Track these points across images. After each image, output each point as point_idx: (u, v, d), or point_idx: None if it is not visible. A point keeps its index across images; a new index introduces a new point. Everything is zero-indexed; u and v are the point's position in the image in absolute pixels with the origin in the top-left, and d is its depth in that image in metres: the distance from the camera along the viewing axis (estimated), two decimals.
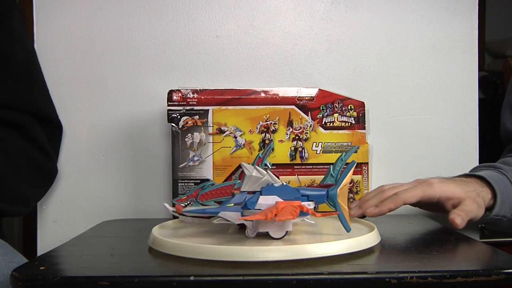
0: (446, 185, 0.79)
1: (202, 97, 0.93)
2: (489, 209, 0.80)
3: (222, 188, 0.75)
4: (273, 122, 0.94)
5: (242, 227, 0.69)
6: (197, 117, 0.93)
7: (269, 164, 0.76)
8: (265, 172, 0.67)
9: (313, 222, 0.72)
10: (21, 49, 0.94)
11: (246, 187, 0.68)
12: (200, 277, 0.55)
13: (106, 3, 1.04)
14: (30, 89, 0.95)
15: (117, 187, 1.03)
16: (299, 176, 0.92)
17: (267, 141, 0.93)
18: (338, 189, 0.68)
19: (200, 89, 0.93)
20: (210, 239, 0.68)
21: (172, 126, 0.93)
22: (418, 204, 0.81)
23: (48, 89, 0.99)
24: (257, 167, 0.68)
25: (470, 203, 0.77)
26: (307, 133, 0.94)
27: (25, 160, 0.91)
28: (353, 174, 0.93)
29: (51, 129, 0.98)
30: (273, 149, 0.92)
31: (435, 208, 0.82)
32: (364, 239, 0.66)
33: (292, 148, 0.94)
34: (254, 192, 0.67)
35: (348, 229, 0.68)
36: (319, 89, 0.95)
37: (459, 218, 0.74)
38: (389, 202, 0.77)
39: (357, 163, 0.93)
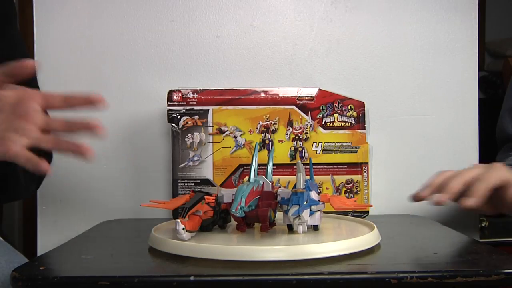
0: (505, 170, 0.72)
1: (202, 97, 0.93)
2: None
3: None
4: (273, 122, 0.94)
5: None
6: (197, 117, 0.93)
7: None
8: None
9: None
10: (20, 54, 0.95)
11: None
12: (200, 277, 0.55)
13: (106, 3, 1.04)
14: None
15: (117, 187, 1.03)
16: None
17: (266, 141, 0.93)
18: None
19: (200, 89, 0.93)
20: (210, 239, 0.68)
21: (172, 126, 0.93)
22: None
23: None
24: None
25: None
26: (307, 133, 0.94)
27: None
28: (353, 174, 0.94)
29: None
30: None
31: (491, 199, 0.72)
32: (364, 239, 0.66)
33: (292, 148, 0.94)
34: None
35: None
36: (319, 89, 0.95)
37: None
38: (482, 188, 0.68)
39: (357, 163, 0.94)
